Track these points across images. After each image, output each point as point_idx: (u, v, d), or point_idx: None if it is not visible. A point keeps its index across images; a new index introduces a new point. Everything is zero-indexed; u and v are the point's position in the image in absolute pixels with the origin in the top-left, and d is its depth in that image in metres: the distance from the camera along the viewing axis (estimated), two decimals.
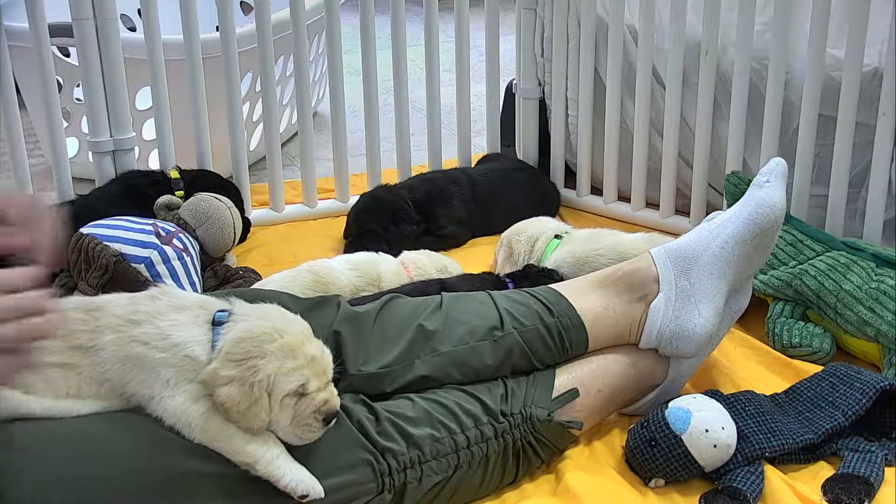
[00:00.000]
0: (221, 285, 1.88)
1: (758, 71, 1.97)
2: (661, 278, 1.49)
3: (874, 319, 1.62)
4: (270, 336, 1.16)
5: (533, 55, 2.33)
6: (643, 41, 2.07)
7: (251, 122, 2.50)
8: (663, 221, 2.17)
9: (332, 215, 2.26)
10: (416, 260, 1.86)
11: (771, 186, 1.51)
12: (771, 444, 1.39)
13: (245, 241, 2.09)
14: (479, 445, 1.32)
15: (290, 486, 1.15)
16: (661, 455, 1.35)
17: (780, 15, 1.88)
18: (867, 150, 1.87)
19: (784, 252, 1.79)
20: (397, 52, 2.22)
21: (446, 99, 2.33)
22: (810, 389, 1.51)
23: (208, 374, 1.14)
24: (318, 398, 1.18)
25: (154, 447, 1.14)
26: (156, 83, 2.06)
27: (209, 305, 1.22)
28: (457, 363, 1.38)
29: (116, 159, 2.06)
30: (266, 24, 2.11)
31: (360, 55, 2.20)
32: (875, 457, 1.39)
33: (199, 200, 1.95)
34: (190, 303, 1.22)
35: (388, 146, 2.35)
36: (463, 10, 2.24)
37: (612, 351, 1.48)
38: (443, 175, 2.24)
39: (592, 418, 1.45)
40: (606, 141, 2.21)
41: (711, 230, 1.51)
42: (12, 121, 1.95)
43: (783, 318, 1.72)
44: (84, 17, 1.94)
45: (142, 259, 1.72)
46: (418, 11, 2.29)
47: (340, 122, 2.24)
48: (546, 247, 1.90)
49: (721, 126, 2.07)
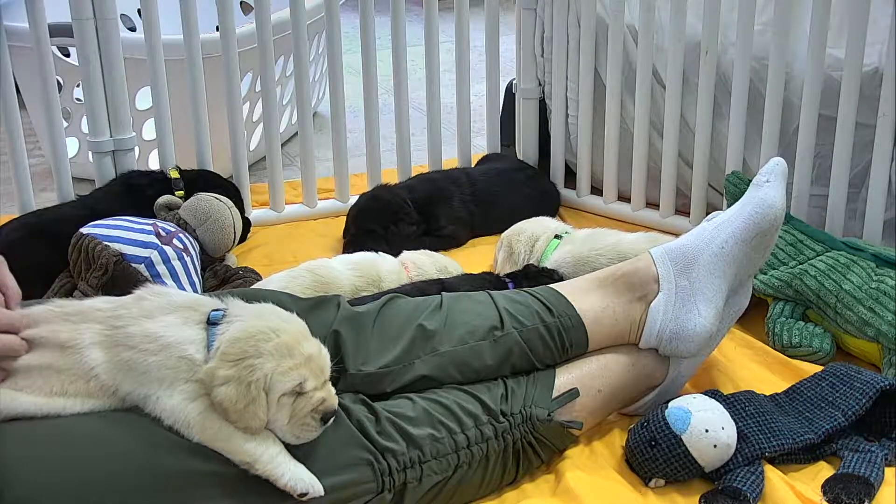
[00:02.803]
0: (221, 285, 1.88)
1: (758, 71, 1.97)
2: (660, 278, 1.49)
3: (874, 319, 1.62)
4: (267, 335, 1.16)
5: (533, 55, 2.33)
6: (643, 41, 2.07)
7: (251, 122, 2.50)
8: (663, 221, 2.17)
9: (332, 215, 2.26)
10: (416, 260, 1.86)
11: (771, 186, 1.51)
12: (771, 444, 1.39)
13: (245, 241, 2.09)
14: (479, 445, 1.32)
15: (289, 485, 1.15)
16: (661, 455, 1.35)
17: (780, 15, 1.88)
18: (867, 150, 1.87)
19: (784, 252, 1.79)
20: (397, 52, 2.22)
21: (446, 99, 2.33)
22: (810, 389, 1.51)
23: (205, 374, 1.14)
24: (315, 397, 1.18)
25: (153, 446, 1.14)
26: (156, 83, 2.06)
27: (201, 306, 1.21)
28: (457, 363, 1.38)
29: (116, 159, 2.06)
30: (266, 24, 2.11)
31: (360, 55, 2.20)
32: (875, 457, 1.39)
33: (199, 200, 1.95)
34: (180, 304, 1.21)
35: (388, 146, 2.35)
36: (463, 10, 2.24)
37: (611, 351, 1.48)
38: (443, 175, 2.24)
39: (592, 418, 1.45)
40: (606, 141, 2.21)
41: (711, 230, 1.51)
42: (12, 121, 1.95)
43: (783, 318, 1.72)
44: (84, 17, 1.94)
45: (142, 259, 1.72)
46: (418, 11, 2.29)
47: (340, 122, 2.24)
48: (546, 247, 1.90)
49: (721, 126, 2.07)
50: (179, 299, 1.22)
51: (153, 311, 1.19)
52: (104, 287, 1.67)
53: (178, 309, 1.20)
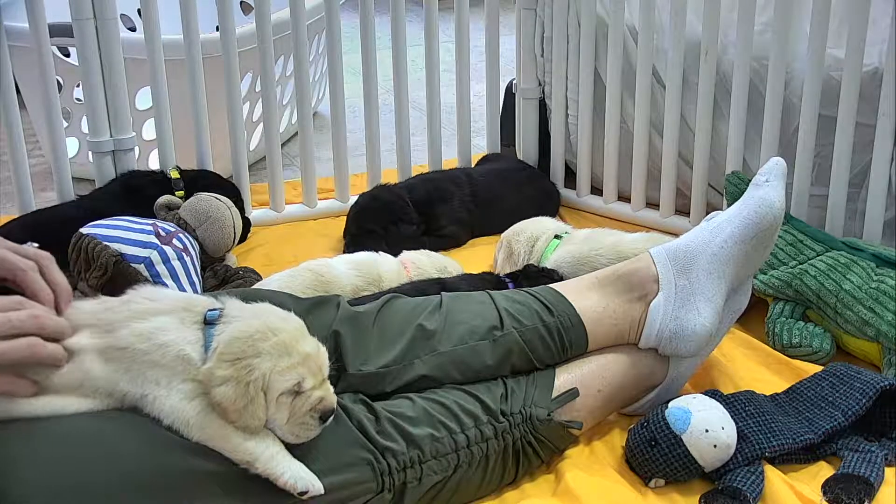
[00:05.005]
0: (221, 285, 1.88)
1: (758, 71, 1.97)
2: (660, 278, 1.48)
3: (874, 319, 1.62)
4: (264, 335, 1.16)
5: (533, 55, 2.33)
6: (643, 41, 2.07)
7: (251, 122, 2.50)
8: (663, 221, 2.17)
9: (332, 215, 2.26)
10: (416, 260, 1.86)
11: (770, 186, 1.51)
12: (771, 444, 1.39)
13: (245, 241, 2.09)
14: (479, 445, 1.32)
15: (289, 484, 1.15)
16: (661, 455, 1.35)
17: (780, 15, 1.88)
18: (867, 150, 1.87)
19: (784, 252, 1.79)
20: (397, 52, 2.22)
21: (446, 99, 2.33)
22: (810, 389, 1.51)
23: (203, 374, 1.14)
24: (313, 396, 1.17)
25: (153, 446, 1.13)
26: (156, 83, 2.06)
27: (195, 306, 1.21)
28: (456, 363, 1.38)
29: (116, 159, 2.06)
30: (266, 24, 2.11)
31: (360, 55, 2.20)
32: (875, 457, 1.39)
33: (199, 200, 1.95)
34: (173, 305, 1.20)
35: (388, 146, 2.35)
36: (463, 10, 2.24)
37: (611, 351, 1.48)
38: (443, 175, 2.24)
39: (592, 418, 1.45)
40: (606, 141, 2.20)
41: (711, 230, 1.51)
42: (12, 121, 1.95)
43: (783, 318, 1.72)
44: (84, 17, 1.94)
45: (142, 259, 1.72)
46: (418, 11, 2.29)
47: (340, 122, 2.24)
48: (546, 247, 1.90)
49: (721, 126, 2.06)
50: (172, 300, 1.22)
51: (143, 312, 1.19)
52: (104, 287, 1.67)
53: (172, 310, 1.19)
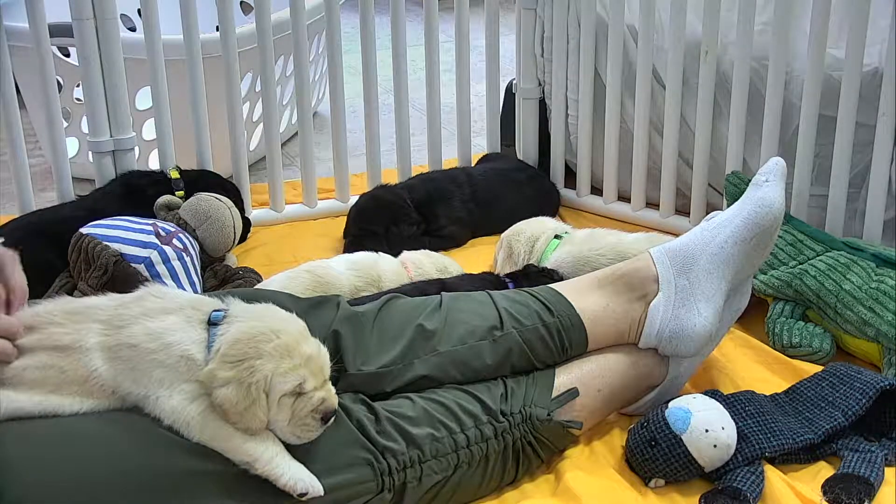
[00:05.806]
0: (221, 285, 1.88)
1: (758, 71, 1.97)
2: (660, 278, 1.49)
3: (874, 319, 1.62)
4: (267, 336, 1.16)
5: (533, 55, 2.33)
6: (643, 41, 2.07)
7: (251, 122, 2.50)
8: (663, 221, 2.17)
9: (332, 215, 2.26)
10: (416, 260, 1.86)
11: (770, 186, 1.51)
12: (771, 444, 1.39)
13: (245, 241, 2.09)
14: (479, 445, 1.32)
15: (289, 485, 1.15)
16: (661, 455, 1.35)
17: (780, 15, 1.88)
18: (867, 150, 1.87)
19: (784, 252, 1.79)
20: (397, 52, 2.22)
21: (446, 99, 2.33)
22: (810, 389, 1.51)
23: (205, 375, 1.14)
24: (315, 397, 1.18)
25: (153, 446, 1.14)
26: (156, 83, 2.06)
27: (202, 305, 1.21)
28: (456, 363, 1.38)
29: (116, 159, 2.06)
30: (266, 24, 2.11)
31: (360, 55, 2.20)
32: (875, 457, 1.39)
33: (199, 200, 1.95)
34: (181, 304, 1.21)
35: (388, 146, 2.35)
36: (463, 10, 2.24)
37: (611, 351, 1.48)
38: (443, 175, 2.23)
39: (592, 418, 1.45)
40: (606, 141, 2.20)
41: (710, 230, 1.51)
42: (12, 121, 1.95)
43: (783, 318, 1.72)
44: (84, 17, 1.94)
45: (141, 259, 1.72)
46: (418, 11, 2.29)
47: (340, 122, 2.24)
48: (546, 247, 1.90)
49: (721, 126, 2.06)
50: (181, 299, 1.23)
51: (154, 310, 1.19)
52: (104, 287, 1.67)
53: (180, 309, 1.20)
